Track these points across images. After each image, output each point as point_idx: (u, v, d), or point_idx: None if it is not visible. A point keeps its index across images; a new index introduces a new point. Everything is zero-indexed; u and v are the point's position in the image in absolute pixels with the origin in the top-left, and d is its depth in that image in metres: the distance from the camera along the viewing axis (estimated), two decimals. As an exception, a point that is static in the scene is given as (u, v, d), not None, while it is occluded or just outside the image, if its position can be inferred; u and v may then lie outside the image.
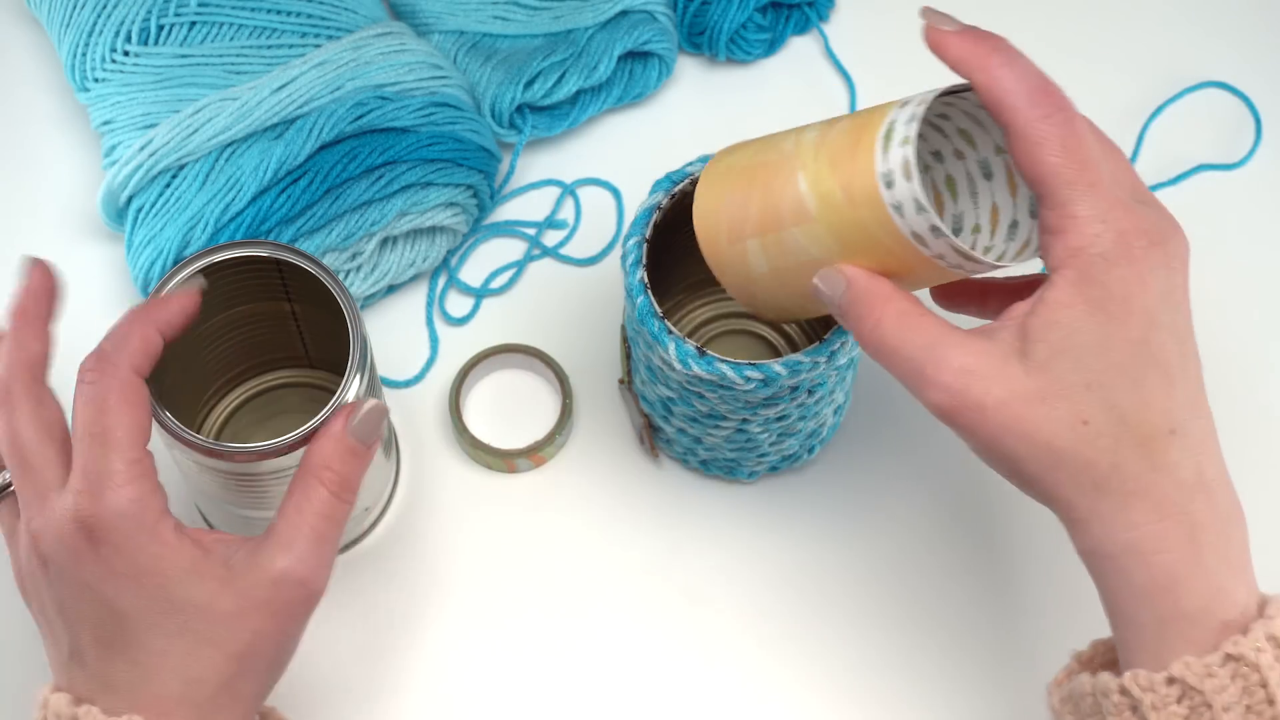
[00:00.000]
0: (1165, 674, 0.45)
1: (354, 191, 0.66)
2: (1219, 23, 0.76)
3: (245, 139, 0.66)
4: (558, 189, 0.73)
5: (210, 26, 0.68)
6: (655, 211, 0.58)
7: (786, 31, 0.76)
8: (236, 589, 0.48)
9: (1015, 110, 0.47)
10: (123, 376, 0.49)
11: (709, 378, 0.56)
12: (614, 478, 0.66)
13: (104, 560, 0.47)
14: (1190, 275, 0.48)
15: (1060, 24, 0.77)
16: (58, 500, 0.48)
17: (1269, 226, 0.71)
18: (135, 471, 0.48)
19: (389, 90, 0.67)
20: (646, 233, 0.58)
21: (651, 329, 0.56)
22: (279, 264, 0.56)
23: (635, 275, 0.57)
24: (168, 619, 0.48)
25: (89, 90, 0.69)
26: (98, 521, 0.47)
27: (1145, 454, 0.46)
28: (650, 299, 0.57)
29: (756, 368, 0.55)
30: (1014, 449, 0.47)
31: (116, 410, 0.48)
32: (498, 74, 0.71)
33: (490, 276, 0.71)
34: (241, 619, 0.48)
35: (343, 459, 0.50)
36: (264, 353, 0.65)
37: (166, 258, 0.65)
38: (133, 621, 0.48)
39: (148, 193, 0.66)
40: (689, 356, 0.56)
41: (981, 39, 0.48)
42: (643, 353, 0.60)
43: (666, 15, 0.73)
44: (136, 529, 0.47)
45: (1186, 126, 0.73)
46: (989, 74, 0.47)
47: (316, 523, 0.49)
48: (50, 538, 0.48)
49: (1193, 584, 0.46)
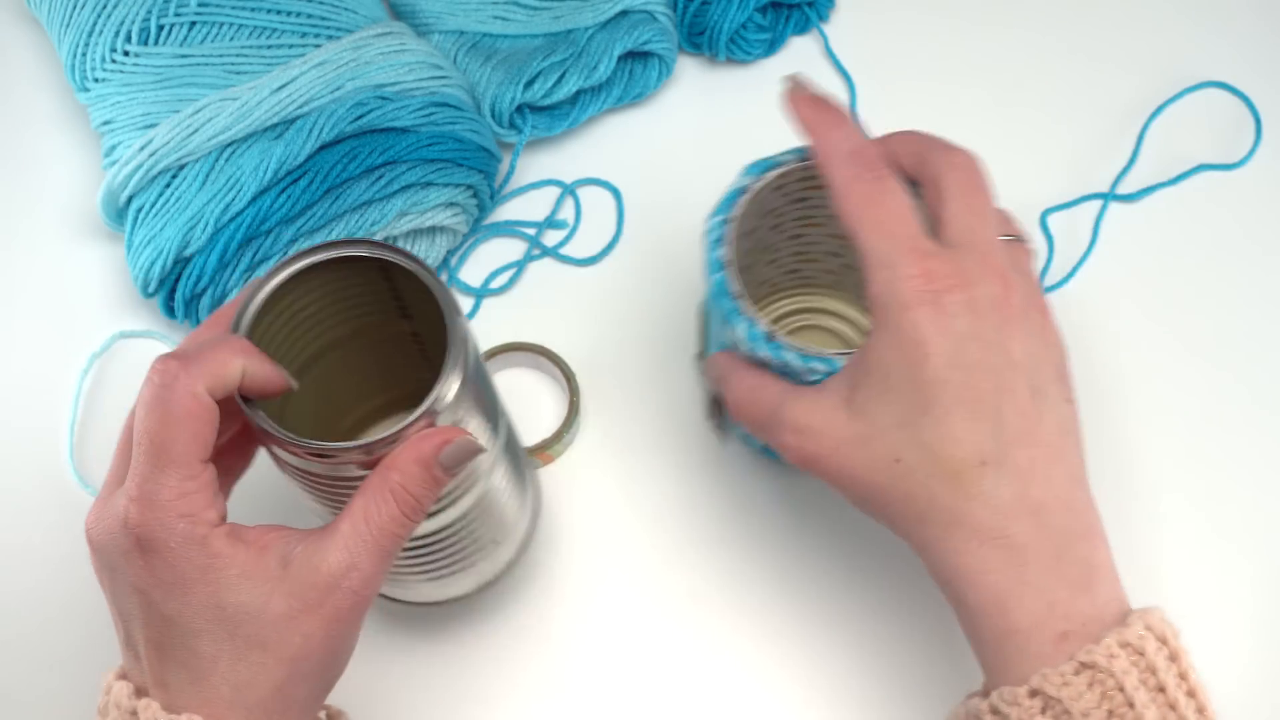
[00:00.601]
0: (1027, 687, 0.47)
1: (354, 191, 0.66)
2: (1219, 23, 0.76)
3: (245, 139, 0.66)
4: (558, 189, 0.73)
5: (210, 26, 0.68)
6: (742, 194, 0.58)
7: (786, 31, 0.76)
8: (288, 589, 0.47)
9: (833, 168, 0.51)
10: (195, 391, 0.48)
11: (775, 362, 0.56)
12: (621, 475, 0.66)
13: (152, 568, 0.47)
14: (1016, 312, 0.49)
15: (1061, 24, 0.77)
16: (114, 499, 0.48)
17: (1269, 226, 0.71)
18: (189, 488, 0.47)
19: (389, 90, 0.67)
20: (731, 212, 0.58)
21: (724, 307, 0.57)
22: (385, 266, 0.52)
23: (715, 253, 0.57)
24: (217, 626, 0.47)
25: (89, 90, 0.69)
26: (146, 532, 0.47)
27: (956, 485, 0.49)
28: (727, 278, 0.57)
29: (821, 359, 0.55)
30: (849, 490, 0.51)
31: (179, 423, 0.48)
32: (498, 74, 0.71)
33: (490, 276, 0.71)
34: (292, 622, 0.47)
35: (422, 482, 0.48)
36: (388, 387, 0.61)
37: (166, 258, 0.65)
38: (181, 627, 0.48)
39: (148, 193, 0.66)
40: (758, 339, 0.56)
41: (825, 107, 0.53)
42: (716, 330, 0.60)
43: (666, 15, 0.73)
44: (185, 543, 0.47)
45: (1186, 126, 0.73)
46: (821, 134, 0.52)
47: (380, 536, 0.48)
48: (103, 534, 0.49)
49: (1021, 601, 0.48)
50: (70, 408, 0.67)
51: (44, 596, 0.64)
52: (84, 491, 0.66)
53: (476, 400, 0.52)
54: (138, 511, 0.47)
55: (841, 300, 0.68)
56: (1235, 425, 0.67)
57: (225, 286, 0.65)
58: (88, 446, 0.67)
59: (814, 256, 0.66)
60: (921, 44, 0.76)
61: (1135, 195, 0.72)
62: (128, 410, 0.68)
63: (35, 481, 0.66)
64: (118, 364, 0.69)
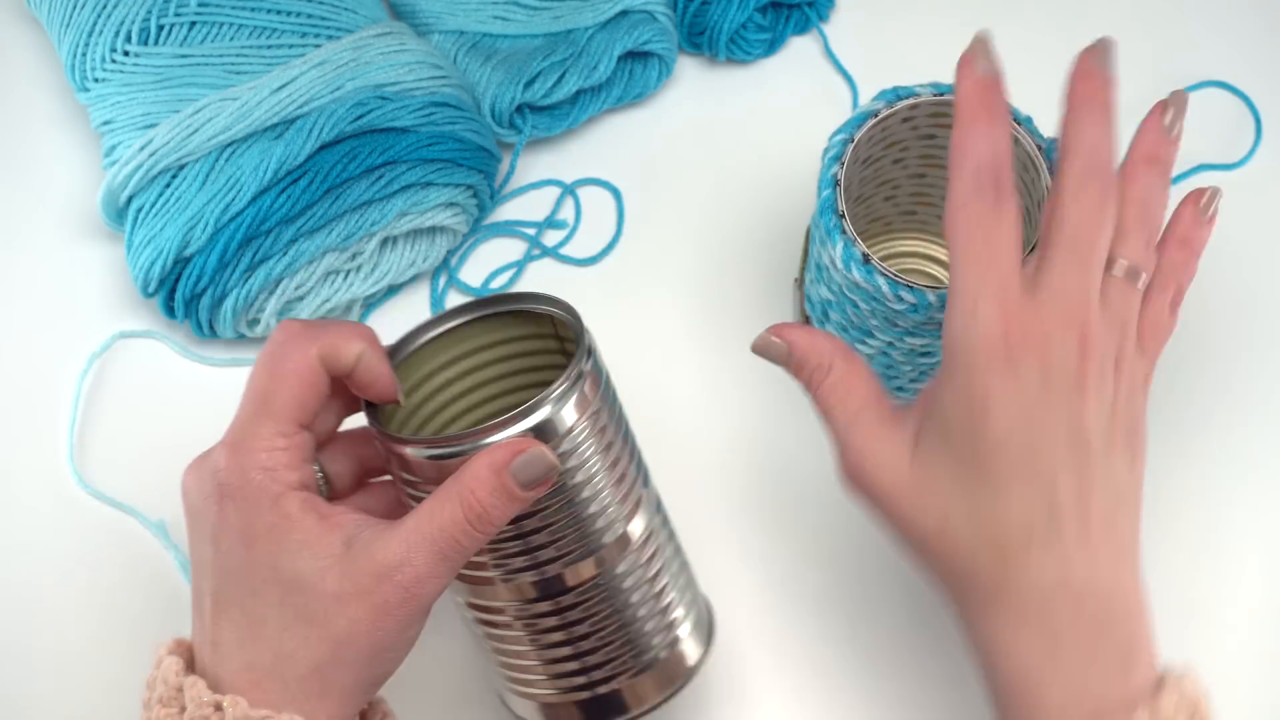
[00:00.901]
0: None
1: (354, 191, 0.66)
2: (1219, 23, 0.76)
3: (245, 139, 0.66)
4: (558, 189, 0.73)
5: (210, 26, 0.68)
6: (870, 118, 0.59)
7: (786, 31, 0.76)
8: (343, 570, 0.47)
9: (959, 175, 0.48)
10: (308, 353, 0.49)
11: (865, 286, 0.56)
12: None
13: (225, 515, 0.48)
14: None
15: (1061, 24, 0.77)
16: (214, 449, 0.50)
17: (1269, 226, 0.71)
18: (278, 444, 0.49)
19: (389, 90, 0.67)
20: (854, 133, 0.58)
21: (827, 223, 0.57)
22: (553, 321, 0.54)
23: (830, 170, 0.58)
24: (270, 588, 0.48)
25: (89, 90, 0.69)
26: (227, 478, 0.48)
27: (1000, 559, 0.48)
28: (836, 195, 0.57)
29: (911, 290, 0.56)
30: (894, 533, 0.51)
31: (284, 379, 0.49)
32: (498, 74, 0.71)
33: (490, 276, 0.71)
34: (341, 603, 0.47)
35: (492, 491, 0.47)
36: None
37: (166, 258, 0.65)
38: (238, 582, 0.48)
39: (148, 193, 0.66)
40: (853, 260, 0.56)
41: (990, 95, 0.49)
42: (816, 249, 0.61)
43: (666, 15, 0.73)
44: (259, 495, 0.48)
45: (1187, 126, 0.73)
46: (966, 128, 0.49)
47: (441, 538, 0.47)
48: (194, 480, 0.50)
49: (1054, 683, 0.47)
50: (70, 408, 0.67)
51: (44, 596, 0.64)
52: (84, 491, 0.66)
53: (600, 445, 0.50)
54: (225, 456, 0.49)
55: None
56: (1235, 425, 0.67)
57: (225, 286, 0.65)
58: (88, 446, 0.67)
59: (933, 200, 0.66)
60: (921, 44, 0.76)
61: (1135, 195, 0.72)
62: (128, 410, 0.68)
63: (35, 481, 0.66)
64: (118, 364, 0.69)
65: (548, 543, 0.50)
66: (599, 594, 0.51)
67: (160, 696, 0.48)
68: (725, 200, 0.72)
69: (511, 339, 0.56)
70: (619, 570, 0.51)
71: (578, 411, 0.49)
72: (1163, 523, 0.65)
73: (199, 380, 0.68)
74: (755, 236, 0.71)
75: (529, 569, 0.51)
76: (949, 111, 0.60)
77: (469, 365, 0.56)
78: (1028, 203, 0.60)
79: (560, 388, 0.49)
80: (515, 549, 0.50)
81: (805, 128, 0.70)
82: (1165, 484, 0.65)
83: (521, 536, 0.50)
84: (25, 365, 0.69)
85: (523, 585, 0.51)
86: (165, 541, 0.64)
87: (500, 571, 0.51)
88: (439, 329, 0.55)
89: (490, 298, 0.55)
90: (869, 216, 0.67)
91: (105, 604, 0.64)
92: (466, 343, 0.56)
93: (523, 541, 0.50)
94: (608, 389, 0.52)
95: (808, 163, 0.64)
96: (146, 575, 0.64)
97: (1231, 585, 0.63)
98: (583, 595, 0.51)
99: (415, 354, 0.55)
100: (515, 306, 0.55)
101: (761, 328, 0.68)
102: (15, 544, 0.65)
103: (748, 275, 0.70)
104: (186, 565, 0.64)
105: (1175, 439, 0.66)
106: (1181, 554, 0.64)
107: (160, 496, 0.66)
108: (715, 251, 0.71)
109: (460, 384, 0.56)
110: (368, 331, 0.51)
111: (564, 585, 0.51)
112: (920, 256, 0.69)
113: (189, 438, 0.67)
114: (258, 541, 0.48)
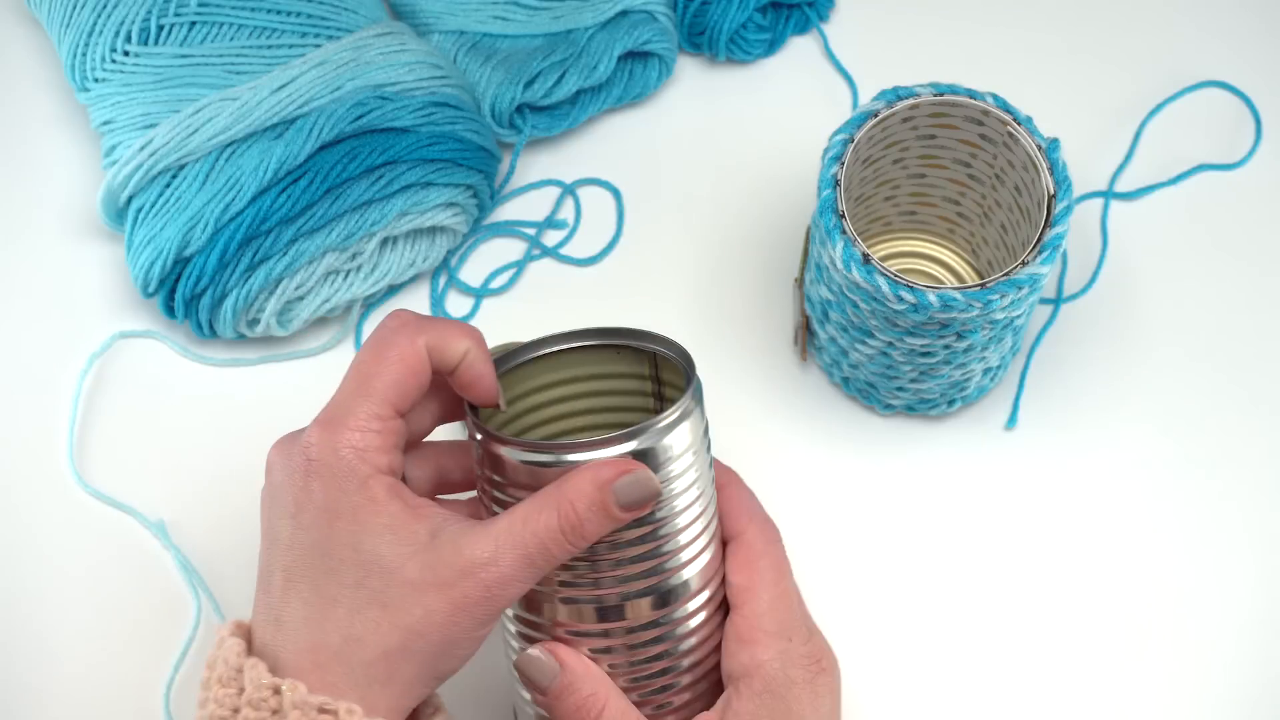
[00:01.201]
0: None
1: (354, 191, 0.66)
2: (1219, 23, 0.76)
3: (245, 139, 0.66)
4: (558, 189, 0.73)
5: (210, 26, 0.68)
6: (870, 118, 0.59)
7: (786, 31, 0.76)
8: (425, 560, 0.47)
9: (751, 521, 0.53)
10: (415, 342, 0.50)
11: (865, 286, 0.56)
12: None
13: (309, 490, 0.48)
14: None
15: (1061, 23, 0.77)
16: (309, 425, 0.49)
17: (1269, 226, 0.71)
18: (373, 425, 0.48)
19: (389, 90, 0.67)
20: (854, 133, 0.58)
21: (827, 223, 0.57)
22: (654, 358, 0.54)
23: (830, 170, 0.58)
24: (347, 568, 0.47)
25: (89, 90, 0.69)
26: (317, 453, 0.48)
27: None
28: (836, 195, 0.57)
29: (911, 290, 0.56)
30: None
31: (389, 363, 0.49)
32: (498, 74, 0.71)
33: (490, 276, 0.71)
34: (418, 592, 0.47)
35: (590, 506, 0.47)
36: None
37: (166, 258, 0.65)
38: (314, 559, 0.48)
39: (148, 193, 0.66)
40: (853, 260, 0.56)
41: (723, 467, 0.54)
42: (816, 249, 0.61)
43: (666, 15, 0.73)
44: (347, 474, 0.48)
45: (1186, 126, 0.73)
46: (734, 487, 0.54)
47: (532, 543, 0.47)
48: (281, 453, 0.50)
49: None
50: (70, 408, 0.67)
51: (43, 596, 0.64)
52: (84, 491, 0.66)
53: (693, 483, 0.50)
54: (318, 433, 0.48)
55: (951, 251, 0.68)
56: (1235, 426, 0.67)
57: (225, 286, 0.65)
58: (88, 446, 0.67)
59: (932, 200, 0.66)
60: (921, 44, 0.76)
61: (1135, 194, 0.72)
62: (128, 410, 0.68)
63: (35, 481, 0.66)
64: (118, 364, 0.69)
65: (618, 571, 0.50)
66: (654, 632, 0.51)
67: (220, 676, 0.48)
68: (725, 200, 0.72)
69: (612, 374, 0.56)
70: (675, 615, 0.51)
71: (681, 445, 0.49)
72: (1164, 522, 0.65)
73: (199, 380, 0.68)
74: (755, 236, 0.71)
75: (591, 591, 0.50)
76: (949, 111, 0.60)
77: (567, 392, 0.56)
78: (1027, 202, 0.60)
79: (669, 418, 0.49)
80: (584, 569, 0.50)
81: (805, 128, 0.70)
82: (1166, 484, 0.65)
83: (593, 560, 0.50)
84: (25, 365, 0.69)
85: (581, 609, 0.51)
86: (165, 541, 0.64)
87: (564, 589, 0.50)
88: (545, 350, 0.54)
89: (600, 329, 0.55)
90: (869, 216, 0.67)
91: (105, 604, 0.64)
92: (569, 369, 0.56)
93: (593, 564, 0.50)
94: (706, 435, 0.52)
95: (808, 163, 0.64)
96: (146, 575, 0.64)
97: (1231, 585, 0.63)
98: (636, 629, 0.51)
99: (519, 369, 0.55)
100: (623, 341, 0.55)
101: (761, 327, 0.69)
102: (15, 544, 0.65)
103: (748, 275, 0.70)
104: (187, 565, 0.64)
105: (1176, 438, 0.66)
106: (1182, 553, 0.64)
107: (160, 496, 0.66)
108: (715, 251, 0.71)
109: (555, 408, 0.56)
110: (475, 332, 0.51)
111: (621, 616, 0.51)
112: (920, 256, 0.69)
113: (189, 438, 0.67)
114: (341, 519, 0.48)
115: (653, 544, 0.50)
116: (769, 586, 0.51)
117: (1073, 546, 0.64)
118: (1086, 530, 0.64)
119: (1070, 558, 0.64)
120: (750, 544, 0.52)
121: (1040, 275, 0.57)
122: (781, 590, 0.52)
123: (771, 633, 0.51)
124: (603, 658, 0.51)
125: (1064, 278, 0.69)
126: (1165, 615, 0.63)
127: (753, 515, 0.53)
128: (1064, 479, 0.65)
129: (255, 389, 0.68)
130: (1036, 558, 0.64)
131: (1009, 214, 0.63)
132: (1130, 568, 0.64)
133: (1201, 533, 0.64)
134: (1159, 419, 0.67)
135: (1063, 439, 0.66)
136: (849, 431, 0.67)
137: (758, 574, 0.52)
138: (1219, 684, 0.61)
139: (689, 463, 0.50)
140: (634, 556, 0.50)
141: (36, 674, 0.63)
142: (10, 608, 0.64)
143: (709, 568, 0.52)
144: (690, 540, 0.51)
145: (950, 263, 0.68)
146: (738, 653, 0.51)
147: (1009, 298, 0.57)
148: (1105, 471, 0.66)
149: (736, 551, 0.52)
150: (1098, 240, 0.70)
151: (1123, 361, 0.68)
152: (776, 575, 0.52)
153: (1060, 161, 0.59)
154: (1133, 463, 0.66)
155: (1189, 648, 0.62)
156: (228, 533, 0.64)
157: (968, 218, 0.66)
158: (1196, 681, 0.61)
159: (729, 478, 0.54)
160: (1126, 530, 0.64)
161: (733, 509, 0.53)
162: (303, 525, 0.48)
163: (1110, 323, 0.69)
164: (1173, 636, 0.62)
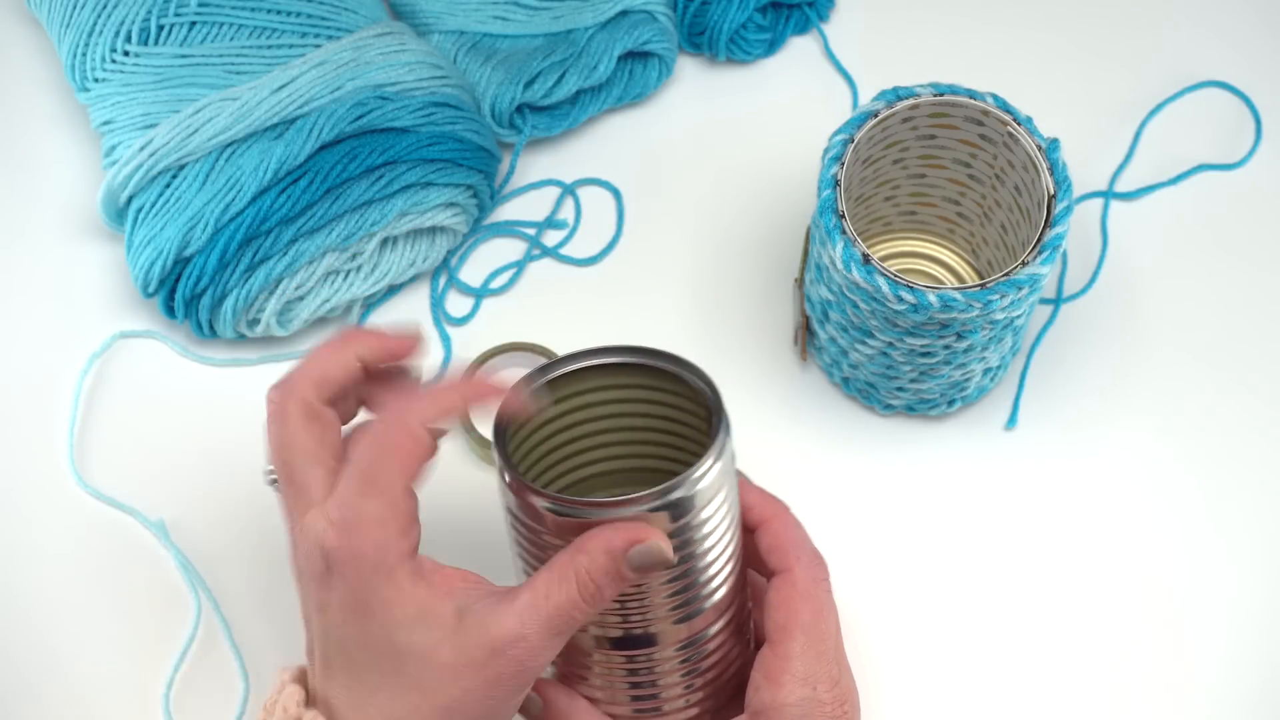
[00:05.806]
0: None
1: (354, 191, 0.66)
2: (1219, 23, 0.76)
3: (245, 139, 0.66)
4: (558, 189, 0.73)
5: (210, 26, 0.68)
6: (870, 118, 0.59)
7: (786, 31, 0.76)
8: (457, 643, 0.48)
9: (798, 560, 0.53)
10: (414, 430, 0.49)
11: (865, 286, 0.56)
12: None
13: (336, 590, 0.49)
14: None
15: (1061, 23, 0.77)
16: (314, 519, 0.49)
17: (1269, 226, 0.71)
18: (387, 515, 0.48)
19: (389, 90, 0.67)
20: (854, 133, 0.58)
21: (827, 224, 0.57)
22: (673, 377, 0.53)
23: (830, 170, 0.58)
24: (384, 659, 0.48)
25: (89, 90, 0.69)
26: (337, 556, 0.48)
27: None
28: (836, 195, 0.57)
29: (911, 290, 0.56)
30: None
31: (393, 454, 0.49)
32: (498, 74, 0.71)
33: (490, 276, 0.71)
34: (455, 675, 0.48)
35: (606, 572, 0.48)
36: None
37: (166, 258, 0.65)
38: (350, 653, 0.49)
39: (148, 193, 0.66)
40: (853, 260, 0.56)
41: (772, 498, 0.54)
42: (816, 249, 0.61)
43: (666, 15, 0.73)
44: (372, 571, 0.48)
45: (1186, 126, 0.73)
46: (782, 521, 0.53)
47: (555, 615, 0.48)
48: (301, 552, 0.50)
49: None
50: (70, 408, 0.67)
51: (43, 596, 0.64)
52: (84, 491, 0.66)
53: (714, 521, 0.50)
54: (334, 536, 0.48)
55: (951, 251, 0.68)
56: (1235, 425, 0.67)
57: (225, 286, 0.65)
58: (88, 446, 0.67)
59: (932, 200, 0.66)
60: (921, 44, 0.76)
61: (1135, 194, 0.72)
62: (128, 410, 0.68)
63: (35, 481, 0.66)
64: (118, 364, 0.69)
65: (642, 605, 0.50)
66: (680, 655, 0.52)
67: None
68: (725, 200, 0.72)
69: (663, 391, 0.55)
70: (702, 637, 0.52)
71: (705, 497, 0.49)
72: (1164, 522, 0.65)
73: (199, 380, 0.68)
74: (755, 236, 0.71)
75: (616, 619, 0.51)
76: (949, 112, 0.60)
77: (613, 403, 0.56)
78: (1027, 202, 0.60)
79: (695, 472, 0.49)
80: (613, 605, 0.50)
81: (805, 128, 0.70)
82: (1166, 483, 0.66)
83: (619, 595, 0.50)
84: (25, 365, 0.69)
85: (607, 630, 0.51)
86: (165, 541, 0.64)
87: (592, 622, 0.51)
88: (596, 360, 0.54)
89: (650, 350, 0.54)
90: (869, 216, 0.67)
91: (105, 604, 0.64)
92: (617, 379, 0.55)
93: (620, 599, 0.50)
94: (733, 468, 0.52)
95: (808, 163, 0.64)
96: (146, 575, 0.64)
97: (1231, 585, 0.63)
98: (660, 654, 0.52)
99: (566, 377, 0.54)
100: (663, 365, 0.54)
101: (761, 327, 0.69)
102: (15, 544, 0.65)
103: (748, 275, 0.70)
104: (187, 565, 0.64)
105: (1176, 438, 0.66)
106: (1183, 553, 0.64)
107: (160, 496, 0.66)
108: (715, 251, 0.71)
109: (598, 423, 0.56)
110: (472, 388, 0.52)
111: (651, 640, 0.51)
112: (920, 257, 0.69)
113: (189, 438, 0.67)
114: (371, 616, 0.48)
115: (683, 580, 0.50)
116: (806, 630, 0.52)
117: (1073, 546, 0.64)
118: (1086, 530, 0.64)
119: (1070, 557, 0.64)
120: (794, 583, 0.52)
121: (1040, 275, 0.57)
122: (818, 635, 0.52)
123: (799, 677, 0.51)
124: (626, 666, 0.52)
125: (1064, 278, 0.69)
126: (1165, 615, 0.63)
127: (800, 553, 0.53)
128: (1064, 479, 0.66)
129: (255, 389, 0.68)
130: (1037, 558, 0.64)
131: (1009, 214, 0.63)
132: (1130, 567, 0.64)
133: (1201, 532, 0.64)
134: (1159, 419, 0.67)
135: (1063, 439, 0.66)
136: (849, 431, 0.67)
137: (796, 616, 0.52)
138: (1219, 683, 0.61)
139: (715, 508, 0.50)
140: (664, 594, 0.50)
141: (36, 674, 0.63)
142: (10, 608, 0.64)
143: (725, 599, 0.52)
144: (711, 576, 0.51)
145: (950, 263, 0.68)
146: (763, 688, 0.51)
147: (1009, 298, 0.57)
148: (1105, 471, 0.66)
149: (780, 587, 0.52)
150: (1098, 240, 0.70)
151: (1123, 361, 0.68)
152: (815, 619, 0.52)
153: (1060, 162, 0.59)
154: (1133, 462, 0.66)
155: (1189, 647, 0.62)
156: (228, 533, 0.64)
157: (968, 218, 0.66)
158: (1197, 681, 0.61)
159: (776, 509, 0.54)
160: (1126, 530, 0.64)
161: (780, 544, 0.53)
162: (333, 623, 0.49)
163: (1110, 323, 0.69)
164: (1173, 636, 0.62)
